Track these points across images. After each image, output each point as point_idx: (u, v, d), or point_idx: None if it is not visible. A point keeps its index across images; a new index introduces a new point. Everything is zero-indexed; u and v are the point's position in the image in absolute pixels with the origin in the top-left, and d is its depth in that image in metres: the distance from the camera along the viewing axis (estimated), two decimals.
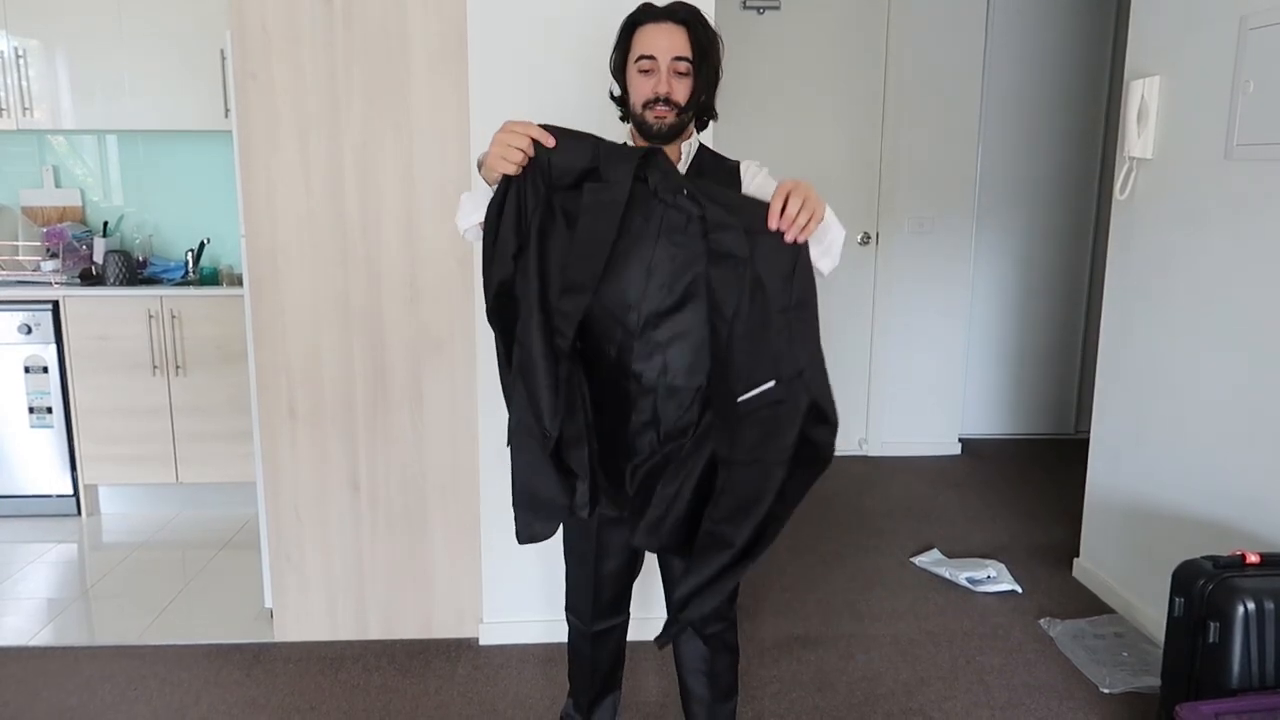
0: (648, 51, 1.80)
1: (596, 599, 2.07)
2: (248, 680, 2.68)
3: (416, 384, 2.78)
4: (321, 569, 2.86)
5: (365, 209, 2.69)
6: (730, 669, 2.11)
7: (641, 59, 1.81)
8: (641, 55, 1.81)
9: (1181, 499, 2.79)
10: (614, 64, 1.90)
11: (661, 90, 1.79)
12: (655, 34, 1.80)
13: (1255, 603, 2.08)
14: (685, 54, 1.79)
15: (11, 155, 4.29)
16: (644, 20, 1.83)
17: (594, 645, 2.14)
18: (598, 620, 2.10)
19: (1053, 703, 2.57)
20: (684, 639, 2.07)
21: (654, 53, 1.79)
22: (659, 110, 1.80)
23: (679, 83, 1.81)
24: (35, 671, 2.73)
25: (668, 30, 1.80)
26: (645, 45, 1.80)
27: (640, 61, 1.81)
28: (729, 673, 2.11)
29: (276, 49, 2.60)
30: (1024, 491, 4.26)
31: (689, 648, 2.08)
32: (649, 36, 1.81)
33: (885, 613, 3.10)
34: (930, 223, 4.63)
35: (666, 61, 1.79)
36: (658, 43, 1.79)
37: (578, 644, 2.18)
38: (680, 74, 1.80)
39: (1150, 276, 2.96)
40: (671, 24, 1.80)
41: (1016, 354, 5.04)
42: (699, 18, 1.83)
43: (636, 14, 1.85)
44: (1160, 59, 2.90)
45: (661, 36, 1.80)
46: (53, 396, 3.86)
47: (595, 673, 2.20)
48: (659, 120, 1.81)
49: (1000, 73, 4.71)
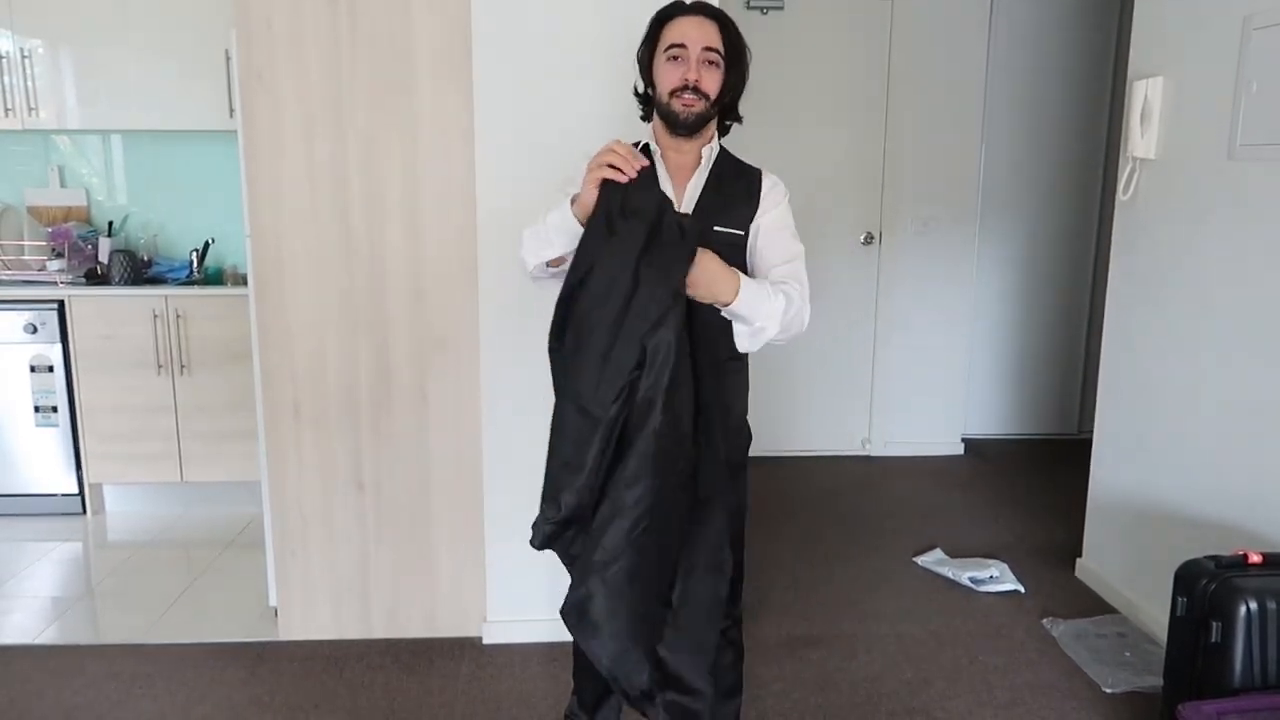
0: (679, 40, 1.82)
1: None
2: (252, 679, 2.69)
3: (421, 383, 2.79)
4: (326, 568, 2.87)
5: (370, 208, 2.70)
6: (733, 667, 2.12)
7: (672, 47, 1.83)
8: (672, 44, 1.83)
9: (1184, 499, 2.79)
10: (641, 58, 1.91)
11: (691, 77, 1.80)
12: (687, 24, 1.83)
13: (1257, 602, 2.08)
14: (716, 45, 1.82)
15: (17, 155, 4.31)
16: (675, 13, 1.86)
17: None
18: None
19: (1055, 702, 2.57)
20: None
21: (685, 41, 1.81)
22: (687, 98, 1.81)
23: (708, 73, 1.82)
24: (40, 670, 2.74)
25: (699, 22, 1.83)
26: (676, 34, 1.83)
27: (670, 50, 1.83)
28: (732, 671, 2.11)
29: (281, 49, 2.61)
30: (1027, 491, 4.27)
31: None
32: (680, 26, 1.83)
33: (888, 612, 3.10)
34: (933, 223, 4.63)
35: (697, 50, 1.81)
36: (689, 32, 1.82)
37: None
38: (710, 64, 1.82)
39: (1153, 277, 2.96)
40: (703, 17, 1.84)
41: (1019, 354, 5.04)
42: (730, 19, 1.86)
43: (668, 8, 1.88)
44: (1163, 59, 2.90)
45: (693, 26, 1.82)
46: (58, 395, 3.87)
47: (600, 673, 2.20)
48: (687, 108, 1.82)
49: (1003, 73, 4.70)
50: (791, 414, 4.76)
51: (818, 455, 4.77)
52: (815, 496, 4.22)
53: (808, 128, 4.58)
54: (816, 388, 4.74)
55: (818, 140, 4.59)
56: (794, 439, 4.78)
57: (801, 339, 1.89)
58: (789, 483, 4.37)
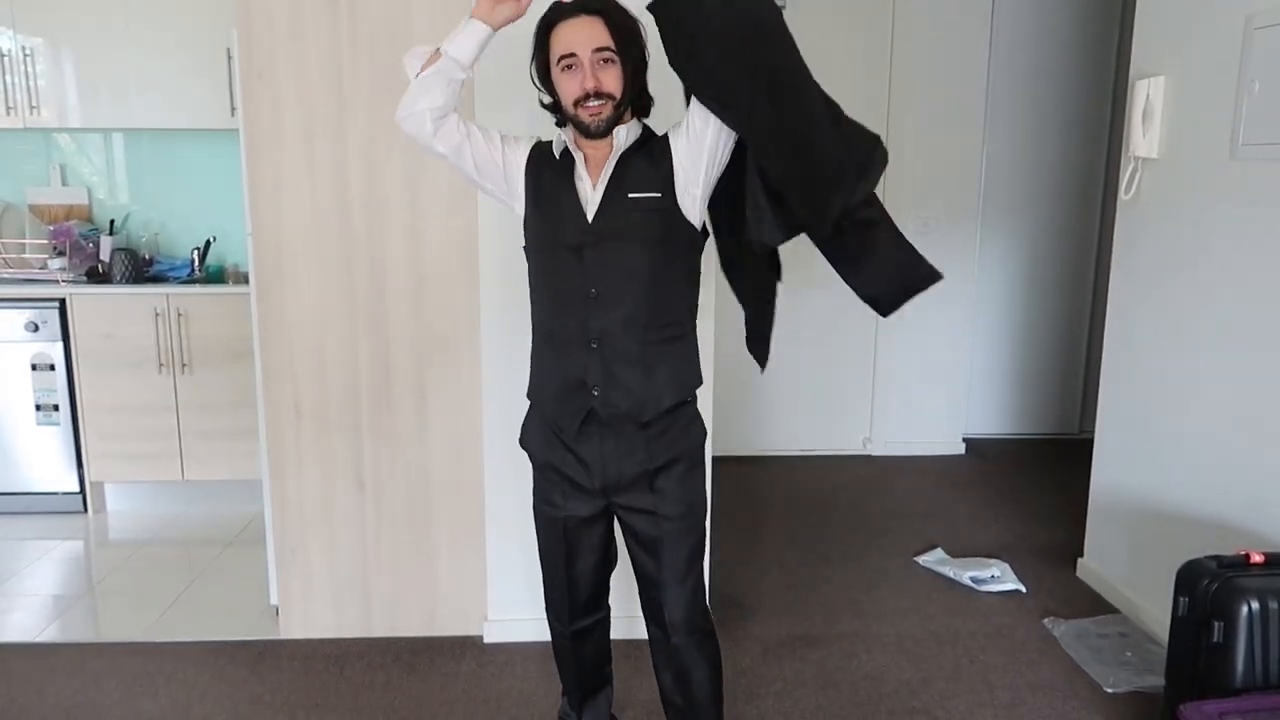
0: (567, 50, 1.77)
1: (572, 599, 2.08)
2: (253, 677, 2.69)
3: (421, 382, 2.79)
4: (327, 566, 2.87)
5: (371, 207, 2.70)
6: (709, 682, 2.03)
7: (563, 59, 1.77)
8: (562, 55, 1.77)
9: (1185, 499, 2.78)
10: (537, 70, 1.86)
11: (589, 86, 1.76)
12: (572, 30, 1.77)
13: (1259, 602, 2.08)
14: (606, 44, 1.76)
15: (18, 153, 4.31)
16: (557, 19, 1.80)
17: (575, 644, 2.14)
18: (576, 619, 2.10)
19: (1056, 702, 2.57)
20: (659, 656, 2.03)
21: (574, 49, 1.76)
22: (592, 106, 1.77)
23: (606, 74, 1.77)
24: (41, 668, 2.74)
25: (583, 24, 1.77)
26: (564, 44, 1.77)
27: (563, 61, 1.78)
28: (708, 686, 2.03)
29: (283, 47, 2.61)
30: (1028, 491, 4.26)
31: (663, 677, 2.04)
32: (566, 34, 1.77)
33: (889, 612, 3.10)
34: (934, 222, 4.62)
35: (588, 55, 1.76)
36: (575, 38, 1.76)
37: (560, 644, 2.18)
38: (606, 63, 1.77)
39: (1155, 276, 2.95)
40: (586, 16, 1.77)
41: (1021, 354, 5.03)
42: (612, 5, 1.80)
43: (549, 14, 1.82)
44: (1165, 59, 2.90)
45: (579, 31, 1.76)
46: (59, 394, 3.87)
47: (581, 671, 2.20)
48: (594, 117, 1.78)
49: (1005, 72, 4.70)
50: (792, 413, 4.75)
51: (818, 455, 4.76)
52: (816, 496, 4.22)
53: None
54: (817, 387, 4.73)
55: None
56: (795, 438, 4.77)
57: (801, 337, 1.88)
58: (789, 482, 4.37)
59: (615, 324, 1.83)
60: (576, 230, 1.84)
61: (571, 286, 1.86)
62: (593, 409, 1.87)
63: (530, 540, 2.09)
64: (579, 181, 1.87)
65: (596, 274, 1.83)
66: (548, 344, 1.95)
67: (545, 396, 1.97)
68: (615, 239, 1.83)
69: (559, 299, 1.90)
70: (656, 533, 1.92)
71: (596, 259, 1.83)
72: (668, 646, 2.00)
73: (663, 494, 1.91)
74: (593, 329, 1.84)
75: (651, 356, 1.86)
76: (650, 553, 1.95)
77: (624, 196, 1.83)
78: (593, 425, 1.88)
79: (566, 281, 1.87)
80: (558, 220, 1.87)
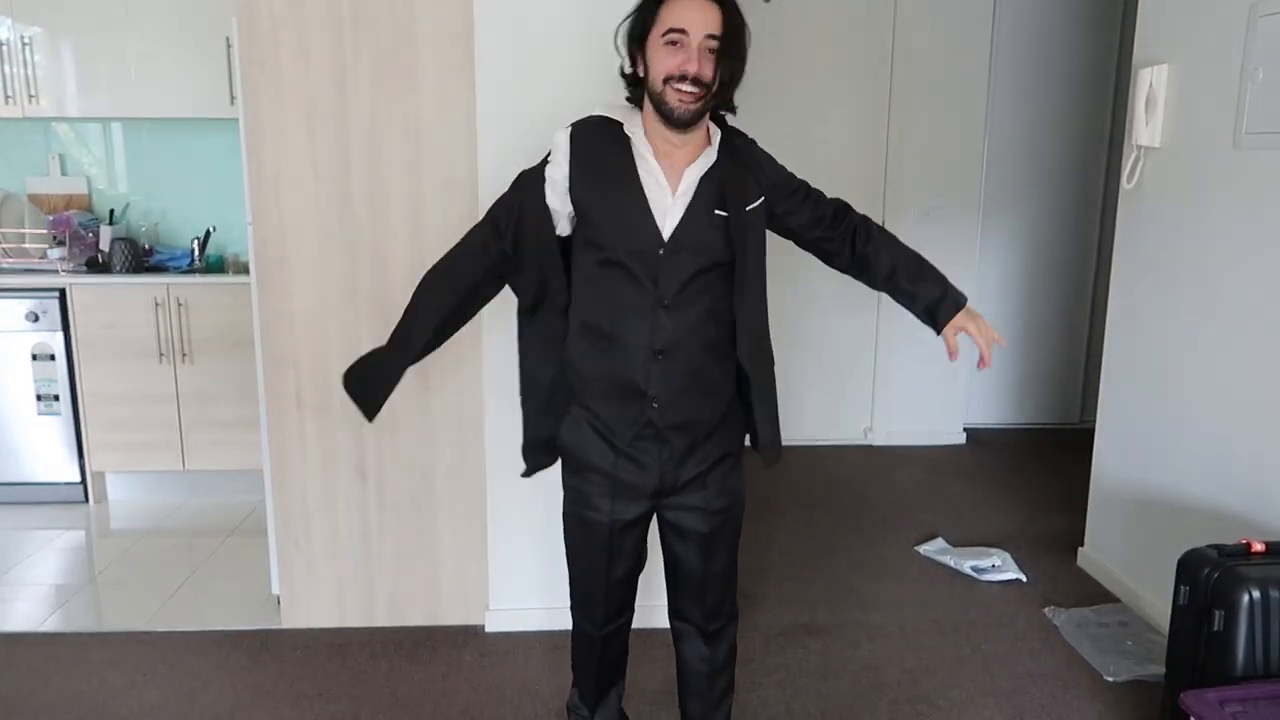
0: (680, 25, 1.68)
1: (609, 604, 2.04)
2: (255, 666, 2.70)
3: (423, 372, 2.78)
4: (329, 556, 2.87)
5: (372, 195, 2.69)
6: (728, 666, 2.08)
7: (671, 31, 1.69)
8: (672, 28, 1.69)
9: (1186, 488, 2.79)
10: (631, 35, 1.76)
11: (691, 68, 1.67)
12: (688, 8, 1.69)
13: (1260, 591, 2.08)
14: (718, 32, 1.69)
15: (18, 143, 4.30)
16: None
17: (603, 645, 2.10)
18: (609, 623, 2.07)
19: (1057, 691, 2.58)
20: (685, 637, 2.06)
21: (686, 26, 1.68)
22: (685, 91, 1.68)
23: (709, 63, 1.69)
24: (44, 657, 2.75)
25: (702, 6, 1.69)
26: (677, 18, 1.69)
27: (669, 34, 1.69)
28: (727, 671, 2.08)
29: (283, 35, 2.59)
30: (1029, 481, 4.27)
31: (690, 646, 2.06)
32: (681, 9, 1.69)
33: (890, 601, 3.11)
34: (936, 210, 4.61)
35: (699, 38, 1.68)
36: (690, 16, 1.68)
37: (585, 645, 2.12)
38: (711, 53, 1.69)
39: (1157, 265, 2.95)
40: (707, 0, 1.70)
41: (1022, 343, 5.03)
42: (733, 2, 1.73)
43: None
44: (1169, 47, 2.89)
45: (695, 10, 1.69)
46: (60, 384, 3.87)
47: (602, 669, 2.16)
48: (683, 105, 1.69)
49: (1008, 60, 4.69)
50: (793, 404, 4.72)
51: (820, 445, 4.77)
52: (817, 486, 4.22)
53: (811, 114, 4.56)
54: (818, 377, 4.73)
55: (821, 127, 4.57)
56: (796, 429, 4.75)
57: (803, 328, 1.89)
58: (791, 472, 4.37)
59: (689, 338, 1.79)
60: (649, 237, 1.76)
61: (638, 291, 1.78)
62: (650, 420, 1.83)
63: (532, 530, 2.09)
64: (646, 175, 1.77)
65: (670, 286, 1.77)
66: (591, 338, 1.84)
67: (593, 390, 1.86)
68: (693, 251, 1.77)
69: (617, 301, 1.80)
70: (705, 527, 1.92)
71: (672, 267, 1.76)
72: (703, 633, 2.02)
73: (712, 489, 1.90)
74: (660, 339, 1.78)
75: (715, 371, 1.84)
76: (697, 547, 1.94)
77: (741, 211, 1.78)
78: (649, 431, 1.84)
79: (631, 285, 1.78)
80: (625, 219, 1.78)
